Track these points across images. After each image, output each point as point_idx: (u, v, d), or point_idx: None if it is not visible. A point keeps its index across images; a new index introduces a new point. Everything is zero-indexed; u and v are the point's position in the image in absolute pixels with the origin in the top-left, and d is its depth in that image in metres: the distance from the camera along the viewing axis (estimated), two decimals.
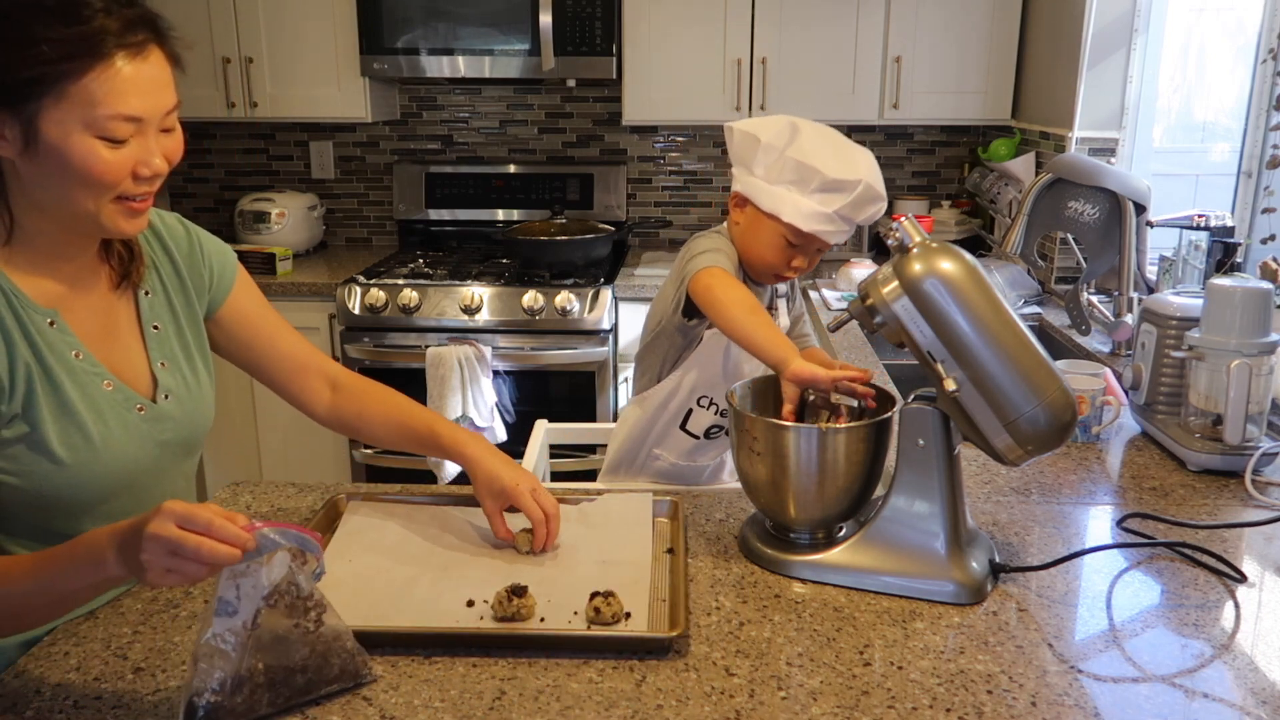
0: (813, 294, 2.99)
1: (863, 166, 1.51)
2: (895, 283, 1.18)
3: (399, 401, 1.41)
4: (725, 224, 1.68)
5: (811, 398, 1.34)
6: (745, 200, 1.59)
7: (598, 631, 1.10)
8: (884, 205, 1.54)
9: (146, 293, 1.25)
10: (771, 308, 1.72)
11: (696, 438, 1.71)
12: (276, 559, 0.95)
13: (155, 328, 1.25)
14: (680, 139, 3.71)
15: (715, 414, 1.68)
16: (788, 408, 1.30)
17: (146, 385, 1.22)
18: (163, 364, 1.24)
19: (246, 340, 1.36)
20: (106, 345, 1.19)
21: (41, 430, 1.10)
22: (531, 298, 3.03)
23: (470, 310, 3.05)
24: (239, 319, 1.35)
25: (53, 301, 1.14)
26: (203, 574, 0.92)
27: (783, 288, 1.74)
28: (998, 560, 1.24)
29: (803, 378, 1.29)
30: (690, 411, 1.69)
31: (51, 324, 1.13)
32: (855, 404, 1.32)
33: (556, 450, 2.11)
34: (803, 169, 1.51)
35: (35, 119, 1.02)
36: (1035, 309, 2.72)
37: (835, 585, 1.22)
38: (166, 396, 1.23)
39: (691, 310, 1.57)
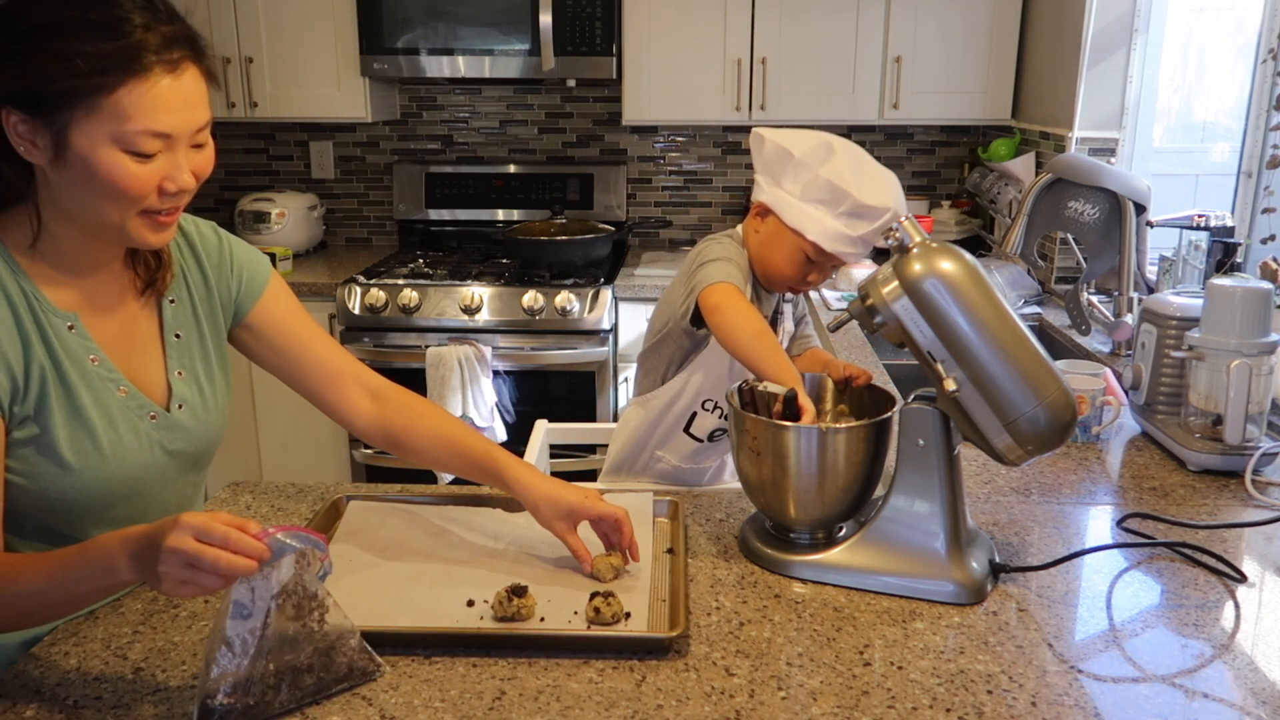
0: (813, 294, 2.98)
1: (891, 194, 1.52)
2: (895, 283, 1.18)
3: (449, 420, 1.37)
4: (739, 228, 1.68)
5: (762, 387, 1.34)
6: (768, 211, 1.59)
7: (598, 631, 1.10)
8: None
9: (172, 300, 1.25)
10: (777, 311, 1.72)
11: (700, 441, 1.71)
12: (285, 561, 0.96)
13: (177, 336, 1.25)
14: (680, 139, 3.71)
15: (719, 417, 1.68)
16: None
17: (161, 394, 1.22)
18: (179, 373, 1.24)
19: (278, 346, 1.34)
20: (125, 352, 1.19)
21: (52, 434, 1.10)
22: (531, 298, 3.03)
23: (470, 310, 3.05)
24: (269, 325, 1.33)
25: (74, 306, 1.14)
26: (218, 586, 0.92)
27: (791, 296, 1.74)
28: (998, 560, 1.24)
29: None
30: (694, 415, 1.69)
31: (71, 328, 1.13)
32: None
33: (556, 450, 2.12)
34: (835, 191, 1.50)
35: (66, 129, 1.02)
36: (1035, 309, 2.72)
37: (835, 585, 1.22)
38: (180, 406, 1.23)
39: (700, 319, 1.57)
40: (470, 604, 1.15)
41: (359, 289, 3.08)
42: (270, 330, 1.33)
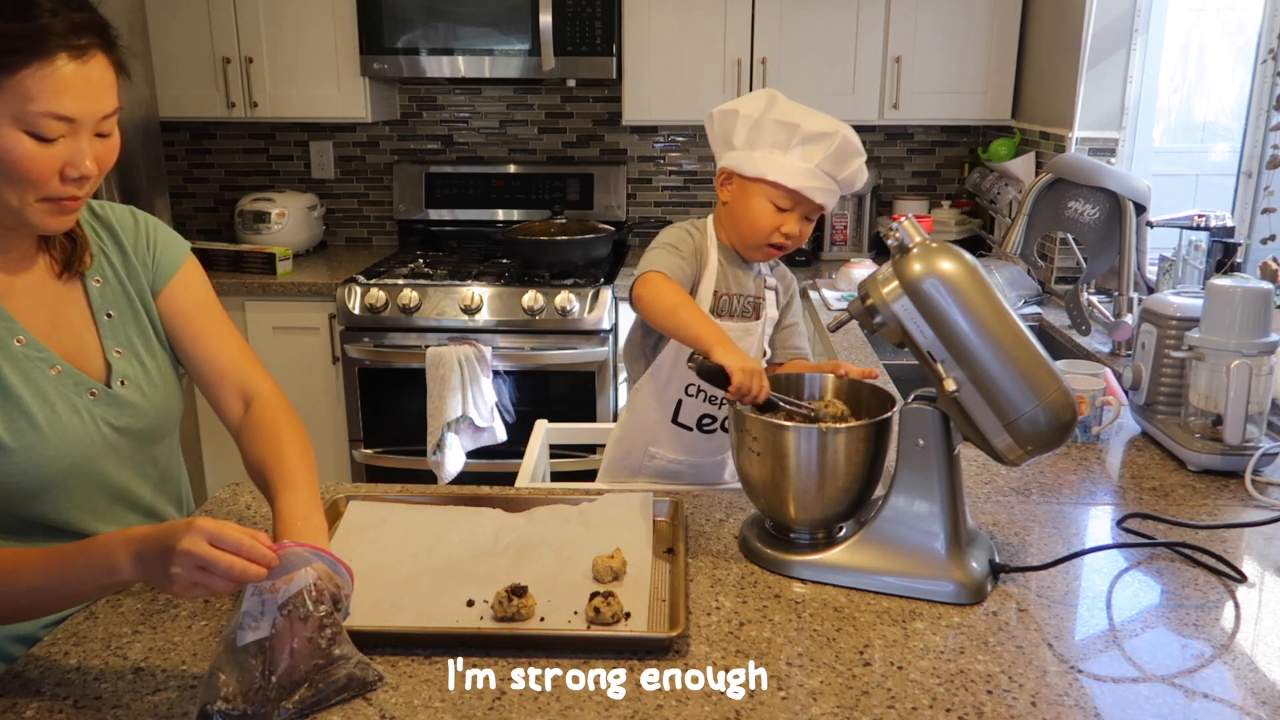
0: (813, 294, 2.99)
1: (840, 124, 1.55)
2: (895, 283, 1.18)
3: (279, 448, 1.23)
4: (709, 217, 1.69)
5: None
6: (731, 174, 1.61)
7: (598, 631, 1.10)
8: (864, 161, 1.56)
9: (97, 281, 1.25)
10: (758, 298, 1.70)
11: (690, 429, 1.70)
12: (298, 576, 0.97)
13: (109, 315, 1.25)
14: (680, 139, 3.71)
15: (704, 401, 1.67)
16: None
17: (100, 371, 1.22)
18: (117, 351, 1.24)
19: (174, 335, 1.31)
20: (55, 332, 1.19)
21: None
22: (531, 298, 3.03)
23: (470, 310, 3.05)
24: (170, 311, 1.31)
25: None
26: (229, 589, 0.95)
27: (771, 280, 1.72)
28: (998, 560, 1.24)
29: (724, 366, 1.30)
30: (680, 402, 1.68)
31: None
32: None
33: (556, 450, 2.11)
34: (783, 127, 1.54)
35: None
36: (1035, 309, 2.72)
37: (835, 585, 1.22)
38: (123, 383, 1.23)
39: None
40: (470, 604, 1.15)
41: (359, 289, 3.08)
42: (169, 317, 1.31)
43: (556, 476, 2.02)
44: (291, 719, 0.97)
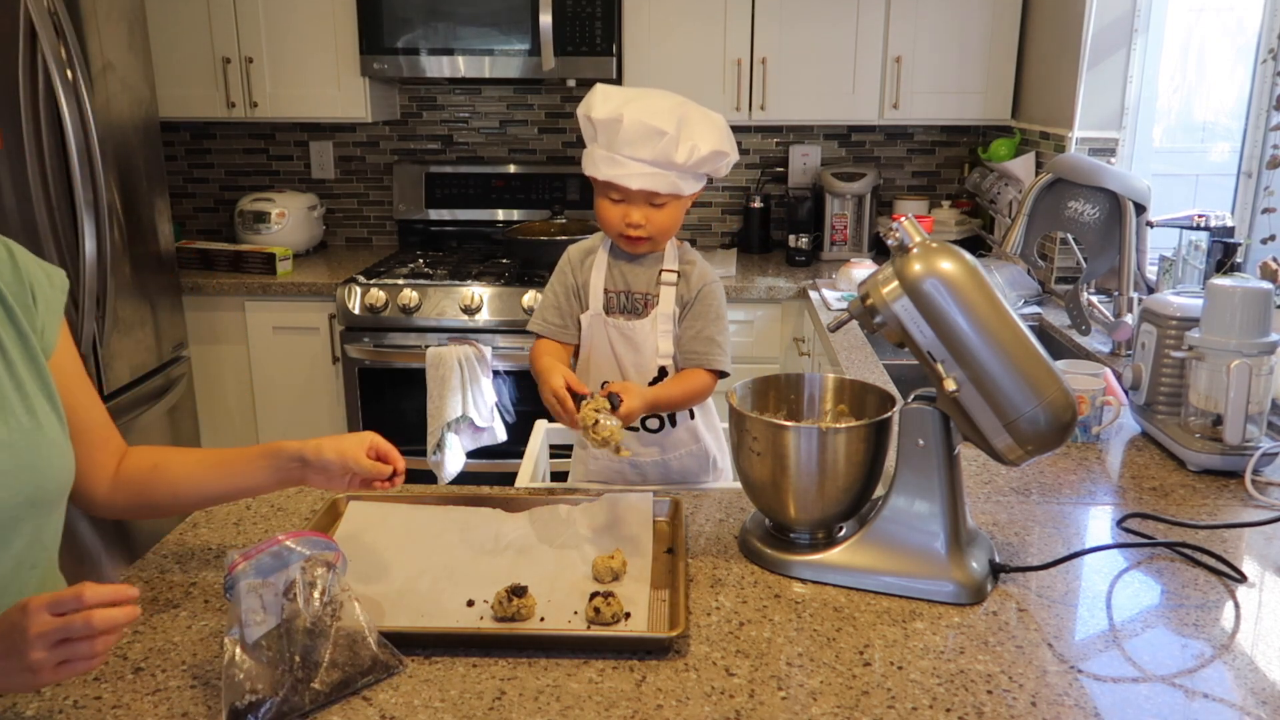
0: (813, 294, 2.99)
1: (641, 109, 1.50)
2: (895, 283, 1.18)
3: (193, 452, 1.22)
4: None
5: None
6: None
7: (598, 631, 1.10)
8: (669, 137, 1.49)
9: None
10: (650, 294, 1.65)
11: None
12: (292, 566, 0.99)
13: None
14: None
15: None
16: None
17: None
18: None
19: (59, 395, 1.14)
20: None
21: None
22: (531, 298, 3.03)
23: (470, 310, 3.05)
24: (57, 369, 1.14)
25: None
26: (101, 648, 0.87)
27: (670, 275, 1.65)
28: (998, 560, 1.24)
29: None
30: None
31: None
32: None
33: (556, 450, 2.12)
34: (587, 122, 1.55)
35: None
36: (1035, 309, 2.72)
37: (835, 585, 1.22)
38: None
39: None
40: (470, 604, 1.15)
41: (359, 289, 3.08)
42: (56, 374, 1.14)
43: (556, 476, 2.01)
44: (322, 704, 0.98)
